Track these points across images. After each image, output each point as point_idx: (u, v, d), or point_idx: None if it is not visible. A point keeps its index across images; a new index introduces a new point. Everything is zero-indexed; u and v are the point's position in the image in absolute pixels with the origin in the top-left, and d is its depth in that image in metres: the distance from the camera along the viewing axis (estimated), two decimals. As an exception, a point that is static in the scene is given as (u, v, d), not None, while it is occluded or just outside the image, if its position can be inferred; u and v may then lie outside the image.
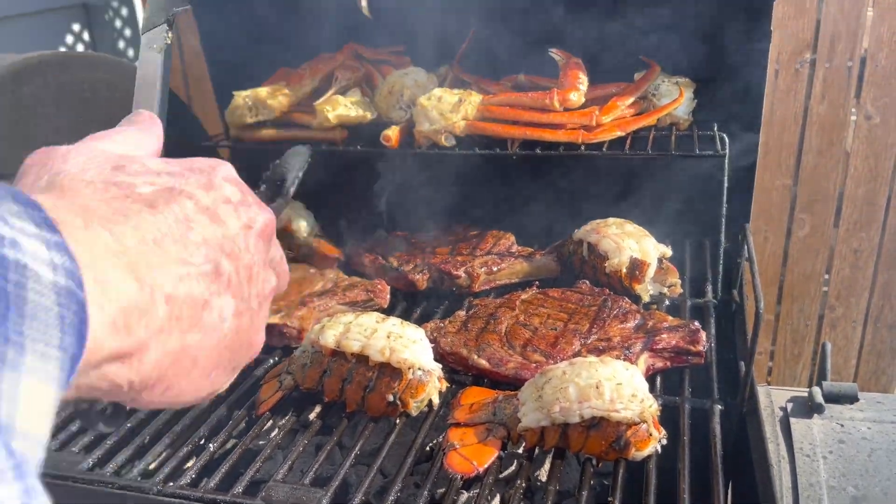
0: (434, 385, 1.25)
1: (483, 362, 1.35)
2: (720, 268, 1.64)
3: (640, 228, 1.64)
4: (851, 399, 1.40)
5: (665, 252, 1.61)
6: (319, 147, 1.81)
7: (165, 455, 1.20)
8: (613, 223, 1.65)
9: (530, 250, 1.80)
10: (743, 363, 1.32)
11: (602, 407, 1.07)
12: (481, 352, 1.37)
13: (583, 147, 1.64)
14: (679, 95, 1.73)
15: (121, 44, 3.21)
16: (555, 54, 1.74)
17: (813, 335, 2.79)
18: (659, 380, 1.34)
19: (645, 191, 1.81)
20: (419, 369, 1.22)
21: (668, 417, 1.19)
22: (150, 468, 1.19)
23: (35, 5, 2.68)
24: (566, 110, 1.64)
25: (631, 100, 1.70)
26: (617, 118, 1.67)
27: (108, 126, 0.58)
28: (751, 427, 1.22)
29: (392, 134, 1.73)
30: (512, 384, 1.30)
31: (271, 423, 1.32)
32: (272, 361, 1.49)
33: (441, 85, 1.82)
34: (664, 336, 1.35)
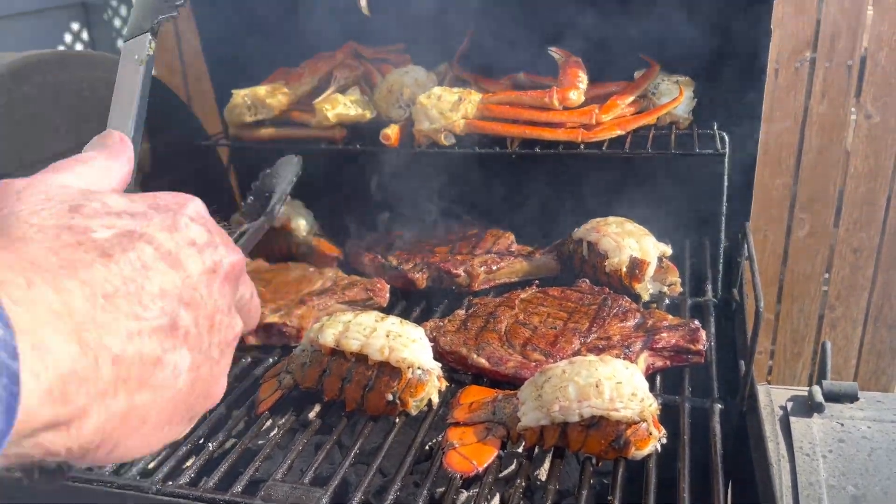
0: (433, 384, 1.25)
1: (482, 361, 1.35)
2: (720, 267, 1.64)
3: (640, 227, 1.64)
4: (851, 398, 1.40)
5: (665, 251, 1.61)
6: (319, 146, 1.81)
7: (164, 454, 1.20)
8: (613, 222, 1.65)
9: (530, 249, 1.80)
10: (743, 362, 1.32)
11: (602, 406, 1.07)
12: (481, 351, 1.37)
13: (582, 146, 1.64)
14: (679, 94, 1.72)
15: (120, 43, 3.21)
16: (554, 53, 1.74)
17: (813, 334, 2.79)
18: (659, 379, 1.33)
19: (645, 190, 1.81)
20: (418, 368, 1.22)
21: (668, 416, 1.18)
22: (149, 467, 1.19)
23: (34, 4, 2.67)
24: (566, 109, 1.64)
25: (631, 98, 1.70)
26: (617, 117, 1.67)
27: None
28: (751, 426, 1.22)
29: (391, 133, 1.73)
30: (511, 383, 1.30)
31: (270, 423, 1.31)
32: (271, 360, 1.49)
33: (441, 83, 1.82)
34: (664, 335, 1.35)
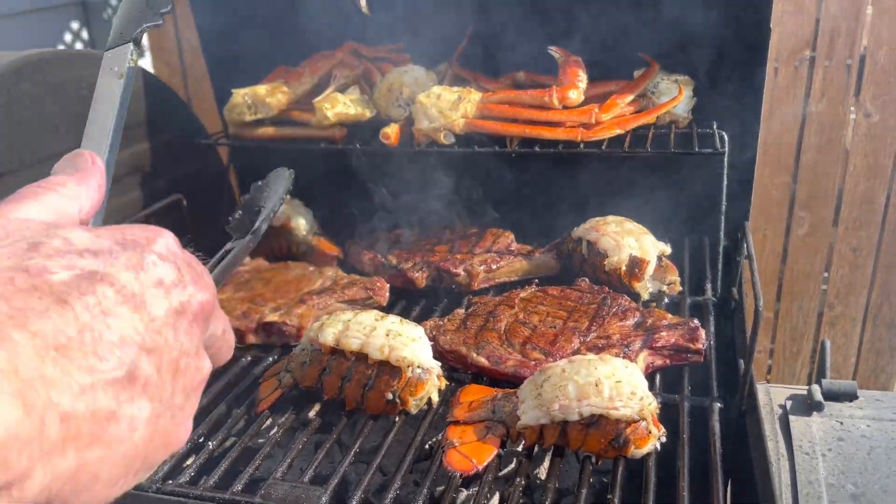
0: (433, 383, 1.25)
1: (482, 360, 1.35)
2: (719, 266, 1.64)
3: (640, 226, 1.64)
4: (851, 397, 1.40)
5: (664, 250, 1.61)
6: (318, 145, 1.81)
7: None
8: (613, 221, 1.65)
9: (529, 248, 1.80)
10: (742, 361, 1.32)
11: (601, 405, 1.07)
12: (480, 350, 1.37)
13: (582, 145, 1.64)
14: (678, 93, 1.72)
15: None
16: (554, 52, 1.74)
17: (812, 333, 2.79)
18: (658, 378, 1.33)
19: (644, 189, 1.81)
20: (418, 367, 1.22)
21: (668, 415, 1.19)
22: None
23: (34, 3, 2.67)
24: (565, 108, 1.64)
25: (630, 98, 1.70)
26: (616, 116, 1.67)
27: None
28: (750, 425, 1.22)
29: (391, 132, 1.73)
30: (511, 382, 1.30)
31: (270, 422, 1.31)
32: (271, 359, 1.49)
33: (440, 82, 1.82)
34: (663, 334, 1.35)
